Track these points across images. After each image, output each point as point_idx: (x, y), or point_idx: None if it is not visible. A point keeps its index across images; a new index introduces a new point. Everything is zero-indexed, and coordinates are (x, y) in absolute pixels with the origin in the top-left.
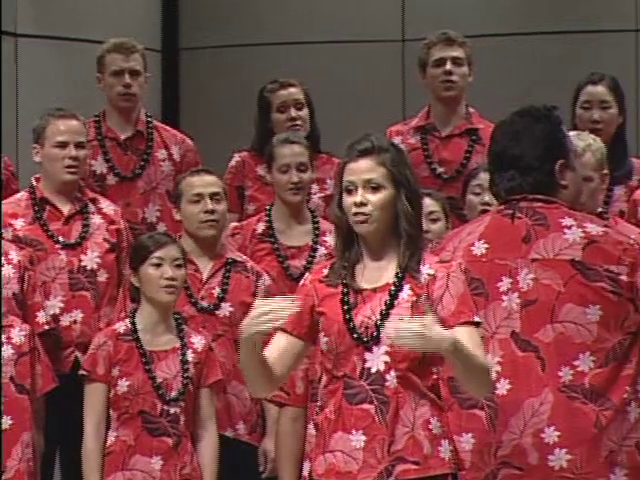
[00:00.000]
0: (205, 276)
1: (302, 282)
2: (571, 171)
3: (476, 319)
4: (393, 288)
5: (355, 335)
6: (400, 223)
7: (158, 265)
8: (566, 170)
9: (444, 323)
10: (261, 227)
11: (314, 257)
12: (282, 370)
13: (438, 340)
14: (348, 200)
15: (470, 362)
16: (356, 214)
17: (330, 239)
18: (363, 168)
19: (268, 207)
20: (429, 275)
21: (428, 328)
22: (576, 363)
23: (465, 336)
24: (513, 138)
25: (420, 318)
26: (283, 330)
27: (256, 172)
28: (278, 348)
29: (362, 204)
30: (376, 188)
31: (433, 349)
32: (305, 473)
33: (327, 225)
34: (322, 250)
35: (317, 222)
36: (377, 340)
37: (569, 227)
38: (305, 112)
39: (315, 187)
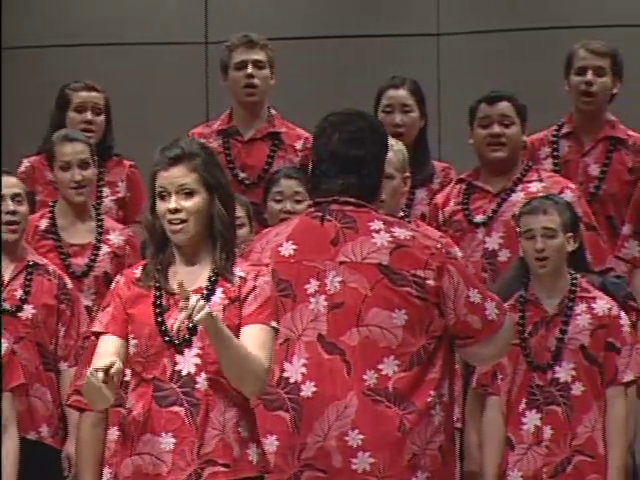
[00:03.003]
0: (7, 278)
1: (114, 283)
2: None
3: (273, 324)
4: (205, 292)
5: (167, 338)
6: (215, 226)
7: None
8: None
9: (242, 323)
10: (44, 223)
11: (97, 255)
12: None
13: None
14: (162, 206)
15: (232, 352)
16: (170, 221)
17: (113, 237)
18: (175, 174)
19: (51, 203)
20: (240, 278)
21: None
22: (381, 367)
23: (251, 334)
24: (343, 140)
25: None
26: (106, 333)
27: (46, 177)
28: (109, 352)
29: (176, 210)
30: (189, 194)
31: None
32: (104, 479)
33: (111, 223)
34: (106, 248)
35: (101, 220)
36: (189, 343)
37: (377, 231)
38: (102, 119)
39: (107, 190)
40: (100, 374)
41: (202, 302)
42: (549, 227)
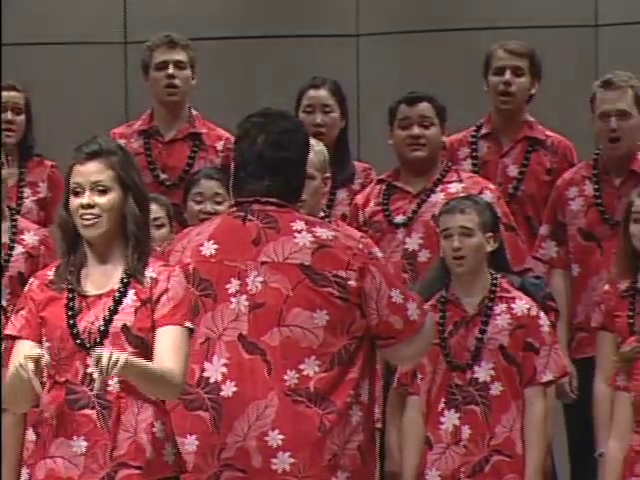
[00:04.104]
0: None
1: (28, 286)
2: None
3: (188, 324)
4: (117, 294)
5: (78, 341)
6: (128, 226)
7: None
8: None
9: (156, 325)
10: None
11: (11, 255)
12: None
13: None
14: (75, 202)
15: (149, 378)
16: (83, 216)
17: (28, 237)
18: (91, 170)
19: None
20: (152, 279)
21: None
22: (302, 367)
23: (166, 336)
24: (269, 142)
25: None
26: (19, 337)
27: None
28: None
29: (89, 206)
30: (104, 191)
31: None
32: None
33: (26, 223)
34: (20, 248)
35: (15, 220)
36: (100, 346)
37: (299, 231)
38: (22, 119)
39: (28, 191)
40: (30, 364)
41: (114, 356)
42: (466, 226)
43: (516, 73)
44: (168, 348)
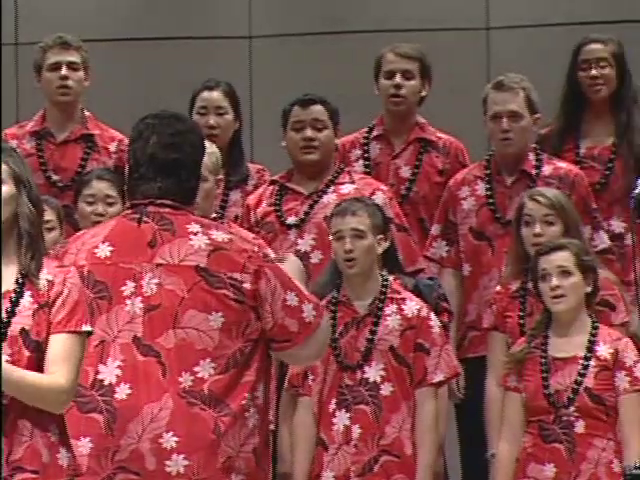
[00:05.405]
0: None
1: None
2: None
3: (84, 328)
4: (13, 295)
5: None
6: (21, 224)
7: None
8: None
9: (51, 329)
10: None
11: None
12: None
13: None
14: None
15: (26, 390)
16: None
17: None
18: None
19: None
20: (48, 281)
21: None
22: (196, 369)
23: (57, 346)
24: (162, 144)
25: None
26: None
27: None
28: None
29: None
30: None
31: None
32: None
33: None
34: None
35: None
36: None
37: (195, 233)
38: None
39: None
40: None
41: None
42: (358, 228)
43: (406, 76)
44: (57, 359)
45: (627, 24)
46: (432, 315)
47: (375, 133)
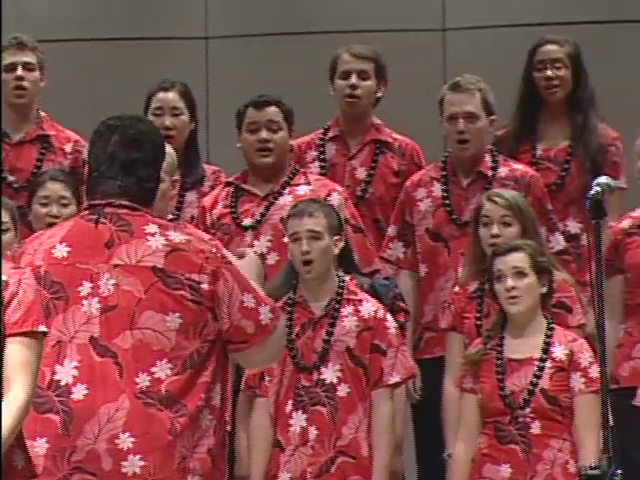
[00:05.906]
0: None
1: None
2: None
3: (40, 328)
4: None
5: None
6: None
7: None
8: None
9: (9, 330)
10: None
11: None
12: None
13: None
14: None
15: (13, 430)
16: None
17: None
18: None
19: None
20: (4, 282)
21: None
22: (153, 370)
23: (14, 354)
24: (122, 143)
25: None
26: None
27: None
28: None
29: None
30: None
31: None
32: None
33: None
34: None
35: None
36: None
37: (152, 234)
38: None
39: None
40: None
41: None
42: (314, 230)
43: (361, 76)
44: (16, 368)
45: (583, 25)
46: (388, 316)
47: (331, 134)
